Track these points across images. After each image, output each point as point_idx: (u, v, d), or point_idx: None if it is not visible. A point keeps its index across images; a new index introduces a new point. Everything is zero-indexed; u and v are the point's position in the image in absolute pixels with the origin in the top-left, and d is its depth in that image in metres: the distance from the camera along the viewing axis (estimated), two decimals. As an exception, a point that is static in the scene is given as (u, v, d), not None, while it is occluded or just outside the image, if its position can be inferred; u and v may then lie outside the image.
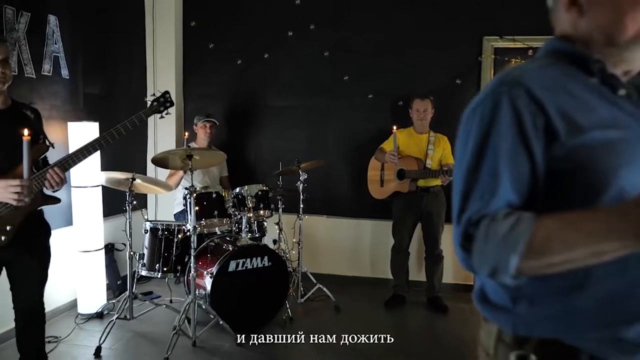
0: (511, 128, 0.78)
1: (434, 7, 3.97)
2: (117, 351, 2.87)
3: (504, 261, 0.72)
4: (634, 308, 0.77)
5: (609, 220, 0.68)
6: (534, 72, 0.84)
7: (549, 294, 0.80)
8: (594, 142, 0.76)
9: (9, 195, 1.83)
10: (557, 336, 0.81)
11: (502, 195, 0.77)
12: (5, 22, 2.82)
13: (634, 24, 0.80)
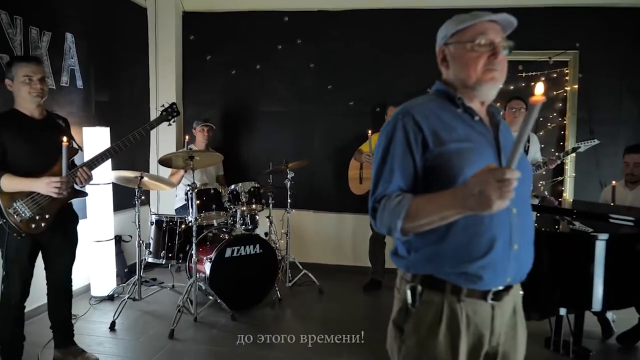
0: (402, 142, 1.24)
1: (408, 24, 4.43)
2: (128, 326, 3.32)
3: (394, 223, 1.19)
4: (473, 253, 1.22)
5: (449, 199, 1.13)
6: (420, 105, 1.31)
7: (425, 245, 1.26)
8: (451, 151, 1.22)
9: (51, 190, 2.28)
10: (432, 273, 1.27)
11: (395, 183, 1.23)
12: (31, 41, 3.26)
13: (475, 74, 1.27)
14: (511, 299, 1.32)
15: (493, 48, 1.27)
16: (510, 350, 1.34)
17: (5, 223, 2.30)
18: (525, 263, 1.31)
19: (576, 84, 4.28)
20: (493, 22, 1.30)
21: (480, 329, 1.27)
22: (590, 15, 4.21)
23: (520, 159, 1.27)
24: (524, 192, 1.28)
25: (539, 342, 3.11)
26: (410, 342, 1.29)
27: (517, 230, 1.25)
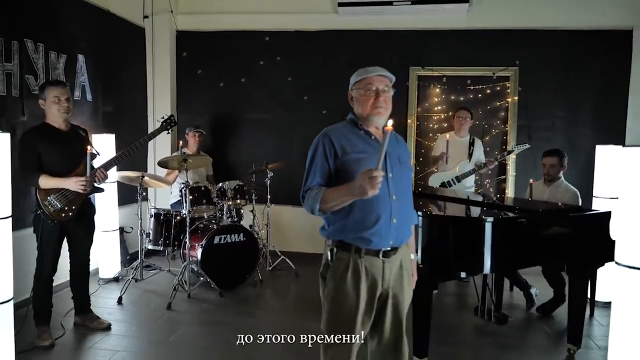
0: (321, 153, 1.91)
1: (370, 43, 5.11)
2: (133, 300, 3.96)
3: (314, 206, 1.86)
4: (366, 225, 1.88)
5: (345, 189, 1.78)
6: (335, 129, 1.97)
7: (337, 221, 1.93)
8: (351, 159, 1.88)
9: (78, 187, 2.93)
10: (342, 239, 1.94)
11: (316, 180, 1.90)
12: (50, 63, 3.89)
13: (366, 110, 1.93)
14: (398, 257, 2.00)
15: (377, 93, 1.94)
16: (398, 292, 2.02)
17: (41, 212, 2.95)
18: (403, 232, 1.99)
19: (516, 96, 4.99)
20: (379, 75, 1.97)
21: (375, 276, 1.95)
22: (528, 36, 4.92)
23: (400, 168, 1.97)
24: (402, 186, 1.96)
25: (470, 310, 3.82)
26: (329, 285, 1.97)
27: (396, 210, 1.93)
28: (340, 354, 1.98)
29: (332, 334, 1.99)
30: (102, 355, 2.98)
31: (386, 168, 1.93)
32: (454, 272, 2.76)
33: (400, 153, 2.03)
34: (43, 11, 3.80)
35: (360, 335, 1.98)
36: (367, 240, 1.91)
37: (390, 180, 1.92)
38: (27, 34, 3.64)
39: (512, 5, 4.89)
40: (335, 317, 1.98)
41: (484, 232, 2.63)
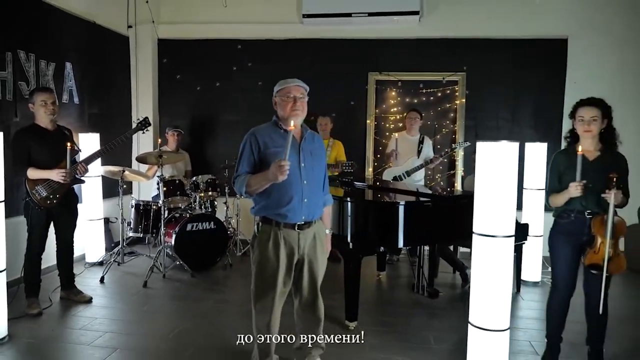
0: (249, 148, 2.43)
1: (335, 51, 5.63)
2: (113, 280, 4.48)
3: (241, 189, 2.38)
4: (282, 203, 2.39)
5: (264, 176, 2.29)
6: (260, 129, 2.49)
7: (261, 201, 2.45)
8: (271, 152, 2.38)
9: (59, 177, 3.44)
10: (265, 215, 2.46)
11: (244, 169, 2.42)
12: (40, 71, 4.41)
13: (286, 112, 2.43)
14: (312, 230, 2.51)
15: (294, 99, 2.46)
16: (313, 258, 2.53)
17: (30, 200, 3.47)
18: (313, 210, 2.49)
19: (464, 99, 5.51)
20: (296, 85, 2.48)
21: (292, 244, 2.46)
22: (474, 45, 5.43)
23: (312, 159, 2.47)
24: (313, 174, 2.47)
25: (408, 287, 4.35)
26: (256, 252, 2.50)
27: (307, 192, 2.44)
28: (264, 306, 2.51)
29: (258, 290, 2.52)
30: (83, 321, 3.50)
31: (299, 159, 2.45)
32: (376, 247, 3.29)
33: (313, 148, 2.55)
34: (34, 24, 4.32)
35: (282, 291, 2.50)
36: (284, 216, 2.43)
37: (302, 169, 2.45)
38: (20, 45, 4.15)
39: (459, 16, 5.41)
40: (260, 277, 2.50)
41: (398, 214, 3.16)
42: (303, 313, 2.68)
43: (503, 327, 2.30)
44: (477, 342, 2.35)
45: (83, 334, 3.29)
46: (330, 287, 3.86)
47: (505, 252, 2.27)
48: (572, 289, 2.85)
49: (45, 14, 4.45)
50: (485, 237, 2.29)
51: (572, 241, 2.76)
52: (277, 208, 2.43)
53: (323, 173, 2.63)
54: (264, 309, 2.53)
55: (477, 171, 2.34)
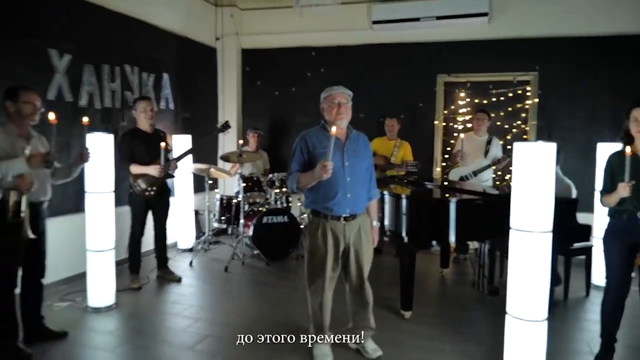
0: (299, 149, 2.77)
1: (404, 54, 5.84)
2: (200, 264, 5.08)
3: (292, 185, 2.74)
4: (328, 198, 2.70)
5: (311, 174, 2.61)
6: (309, 132, 2.81)
7: (310, 195, 2.78)
8: (318, 153, 2.68)
9: (155, 172, 4.05)
10: (314, 208, 2.79)
11: (294, 168, 2.77)
12: (142, 82, 5.12)
13: (332, 117, 2.73)
14: (357, 222, 2.79)
15: (339, 104, 2.76)
16: (358, 247, 2.82)
17: (133, 191, 4.12)
18: (356, 204, 2.77)
19: (536, 99, 5.46)
20: (341, 92, 2.78)
21: (337, 234, 2.76)
22: (547, 44, 5.37)
23: (355, 159, 2.75)
24: (356, 171, 2.76)
25: (470, 285, 4.47)
26: (307, 241, 2.85)
27: (350, 188, 2.74)
28: (316, 288, 2.86)
29: (310, 274, 2.87)
30: (174, 296, 4.08)
31: (343, 159, 2.75)
32: (429, 242, 3.50)
33: (358, 148, 2.84)
34: (138, 42, 5.03)
35: (331, 275, 2.83)
36: (330, 209, 2.75)
37: (346, 167, 2.75)
38: (126, 60, 4.87)
39: (529, 16, 5.37)
40: (311, 263, 2.85)
41: (449, 210, 3.34)
42: (352, 297, 2.98)
43: (540, 318, 2.44)
44: (513, 331, 2.50)
45: (173, 307, 3.86)
46: (391, 279, 4.14)
47: (541, 246, 2.40)
48: (626, 289, 2.87)
49: (147, 33, 5.16)
50: (522, 232, 2.44)
51: (624, 241, 2.79)
52: (324, 202, 2.76)
53: (367, 170, 2.88)
54: (316, 291, 2.87)
55: (514, 170, 2.49)
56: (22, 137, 2.85)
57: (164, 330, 3.43)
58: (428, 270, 4.96)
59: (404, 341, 3.23)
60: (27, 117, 2.84)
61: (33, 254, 3.00)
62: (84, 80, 4.36)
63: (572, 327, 3.60)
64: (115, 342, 3.22)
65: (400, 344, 3.19)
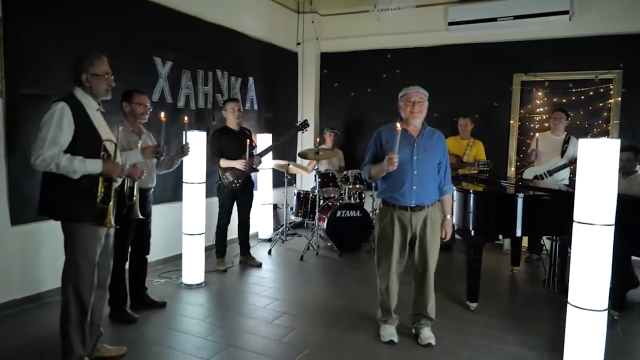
0: (374, 143, 3.03)
1: (480, 54, 5.88)
2: (278, 253, 5.49)
3: (365, 175, 3.01)
4: (396, 189, 2.92)
5: (380, 165, 2.86)
6: (386, 127, 3.04)
7: (381, 185, 3.02)
8: (389, 146, 2.89)
9: (241, 166, 4.50)
10: (384, 197, 3.03)
11: (369, 159, 3.05)
12: (231, 84, 5.64)
13: (406, 114, 2.95)
14: (424, 213, 2.99)
15: (413, 102, 2.98)
16: (423, 237, 3.01)
17: (221, 183, 4.59)
18: (422, 196, 2.96)
19: (619, 97, 5.27)
20: (416, 92, 3.00)
21: (405, 223, 2.99)
22: (632, 40, 5.17)
23: (425, 154, 2.95)
24: (424, 166, 2.95)
25: (539, 283, 4.46)
26: (377, 228, 3.11)
27: (416, 181, 2.94)
28: (384, 272, 3.10)
29: (378, 259, 3.12)
30: (255, 279, 4.50)
31: (412, 153, 2.97)
32: (495, 234, 3.60)
33: (429, 144, 3.03)
34: (228, 48, 5.55)
35: (398, 261, 3.05)
36: (397, 199, 2.99)
37: (414, 162, 2.96)
38: (217, 66, 5.40)
39: (613, 12, 5.20)
40: (380, 247, 3.10)
41: (516, 204, 3.44)
42: (415, 283, 3.18)
43: (601, 308, 2.50)
44: (574, 320, 2.58)
45: (254, 287, 4.27)
46: (460, 275, 4.25)
47: (603, 239, 2.47)
48: None
49: (236, 40, 5.67)
50: (584, 225, 2.51)
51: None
52: (392, 192, 2.99)
53: (436, 165, 3.05)
54: (384, 275, 3.11)
55: (579, 165, 2.57)
56: (135, 133, 3.38)
57: (246, 306, 3.84)
58: (498, 268, 5.00)
59: (468, 330, 3.37)
60: (139, 116, 3.36)
61: (141, 233, 3.52)
62: (182, 84, 4.93)
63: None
64: (204, 313, 3.67)
65: (465, 332, 3.34)
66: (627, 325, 3.54)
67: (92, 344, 2.75)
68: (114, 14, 4.16)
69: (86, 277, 2.60)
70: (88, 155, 2.49)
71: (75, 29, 3.81)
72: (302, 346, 3.07)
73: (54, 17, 3.68)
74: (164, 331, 3.29)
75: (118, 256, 3.19)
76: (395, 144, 2.77)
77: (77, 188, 2.50)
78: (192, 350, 3.01)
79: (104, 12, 4.07)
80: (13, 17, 3.41)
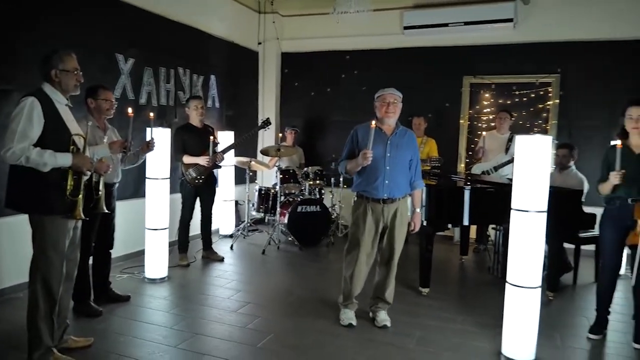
0: (350, 140, 3.25)
1: (433, 57, 6.22)
2: (240, 248, 5.60)
3: (342, 169, 3.24)
4: (370, 182, 3.14)
5: (356, 160, 3.08)
6: (362, 126, 3.22)
7: (357, 178, 3.23)
8: (364, 143, 3.09)
9: (204, 162, 4.60)
10: (359, 190, 3.24)
11: (345, 155, 3.28)
12: (193, 82, 5.71)
13: (381, 114, 3.17)
14: (394, 205, 3.21)
15: (388, 103, 3.20)
16: (392, 227, 3.23)
17: (184, 179, 4.68)
18: (394, 190, 3.18)
19: (557, 99, 5.73)
20: (390, 93, 3.21)
21: (377, 214, 3.20)
22: (569, 47, 5.63)
23: (397, 151, 3.17)
24: (396, 162, 3.17)
25: (485, 270, 4.82)
26: (353, 215, 3.30)
27: (388, 175, 3.16)
28: (351, 260, 3.31)
29: (349, 247, 3.33)
30: (217, 272, 4.62)
31: (385, 150, 3.18)
32: (445, 224, 3.90)
33: (401, 142, 3.24)
34: (190, 47, 5.62)
35: (368, 252, 3.26)
36: (370, 192, 3.21)
37: (387, 158, 3.18)
38: (179, 64, 5.47)
39: (553, 21, 5.65)
40: (352, 236, 3.31)
41: (464, 195, 3.74)
42: (379, 269, 3.41)
43: (534, 285, 2.81)
44: (512, 298, 2.88)
45: (217, 280, 4.39)
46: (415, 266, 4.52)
47: (537, 224, 2.77)
48: (617, 268, 3.22)
49: (198, 39, 5.75)
50: (521, 212, 2.81)
51: (617, 225, 3.12)
52: (367, 186, 3.22)
53: (407, 162, 3.28)
54: (350, 262, 3.32)
55: (516, 158, 2.87)
56: (100, 129, 3.44)
57: (210, 297, 3.96)
58: (449, 258, 5.34)
59: (421, 312, 3.65)
60: (105, 111, 3.42)
61: (105, 227, 3.58)
62: (144, 81, 4.98)
63: (576, 306, 3.93)
64: (169, 305, 3.77)
65: (417, 314, 3.60)
66: (560, 304, 3.92)
67: (59, 336, 2.81)
68: (76, 10, 4.17)
69: (56, 269, 2.65)
70: (57, 149, 2.55)
71: (38, 25, 3.82)
72: (266, 332, 3.24)
73: (16, 13, 3.68)
74: (130, 322, 3.37)
75: (83, 250, 3.22)
76: (370, 141, 3.00)
77: (46, 181, 2.56)
78: (159, 339, 3.11)
79: (67, 8, 4.08)
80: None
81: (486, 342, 3.15)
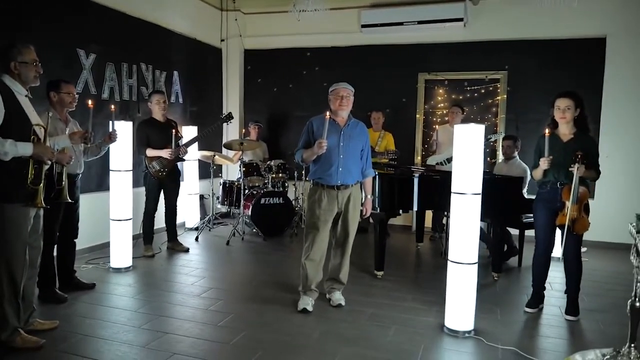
0: (306, 131, 3.44)
1: (390, 54, 6.49)
2: (205, 240, 5.74)
3: (298, 159, 3.45)
4: (324, 170, 3.34)
5: (312, 149, 3.28)
6: (317, 118, 3.43)
7: (313, 167, 3.43)
8: (319, 134, 3.29)
9: (167, 155, 4.73)
10: (314, 178, 3.44)
11: (302, 144, 3.44)
12: (155, 78, 5.81)
13: (335, 107, 3.39)
14: (348, 191, 3.42)
15: (342, 97, 3.43)
16: (346, 211, 3.44)
17: (147, 172, 4.79)
18: (347, 177, 3.39)
19: (505, 95, 6.10)
20: (344, 87, 3.43)
21: (331, 200, 3.40)
22: (515, 46, 6.00)
23: (349, 141, 3.39)
24: (349, 151, 3.38)
25: (438, 255, 5.12)
26: (308, 203, 3.50)
27: (342, 164, 3.37)
28: (309, 244, 3.49)
29: (306, 231, 3.52)
30: (183, 262, 4.76)
31: (339, 140, 3.40)
32: (396, 210, 4.16)
33: (354, 133, 3.46)
34: (152, 43, 5.71)
35: (322, 237, 3.46)
36: (325, 179, 3.41)
37: (341, 147, 3.39)
38: (142, 59, 5.56)
39: (500, 21, 6.01)
40: (309, 221, 3.50)
41: (413, 183, 4.01)
42: (334, 252, 3.63)
43: (472, 261, 3.08)
44: (452, 273, 3.15)
45: (181, 269, 4.53)
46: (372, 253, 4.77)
47: (472, 206, 3.05)
48: (550, 246, 3.53)
49: (160, 35, 5.85)
50: (459, 195, 3.08)
51: (548, 207, 3.43)
52: (322, 173, 3.43)
53: (359, 152, 3.51)
54: (308, 248, 3.51)
55: (455, 146, 3.14)
56: (61, 121, 3.53)
57: (174, 284, 4.10)
58: (406, 245, 5.63)
59: (375, 293, 3.90)
60: (67, 104, 3.52)
61: (69, 217, 3.68)
62: (106, 76, 5.05)
63: (520, 286, 4.25)
64: (134, 291, 3.90)
65: (371, 294, 3.85)
66: (504, 283, 4.25)
67: (25, 319, 2.92)
68: (38, 5, 4.23)
69: (19, 256, 2.76)
70: (18, 138, 2.66)
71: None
72: (227, 313, 3.42)
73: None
74: (95, 307, 3.49)
75: (47, 239, 3.33)
76: (324, 131, 3.21)
77: (8, 170, 2.66)
78: (124, 320, 3.25)
79: (28, 3, 4.14)
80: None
81: (432, 317, 3.42)
